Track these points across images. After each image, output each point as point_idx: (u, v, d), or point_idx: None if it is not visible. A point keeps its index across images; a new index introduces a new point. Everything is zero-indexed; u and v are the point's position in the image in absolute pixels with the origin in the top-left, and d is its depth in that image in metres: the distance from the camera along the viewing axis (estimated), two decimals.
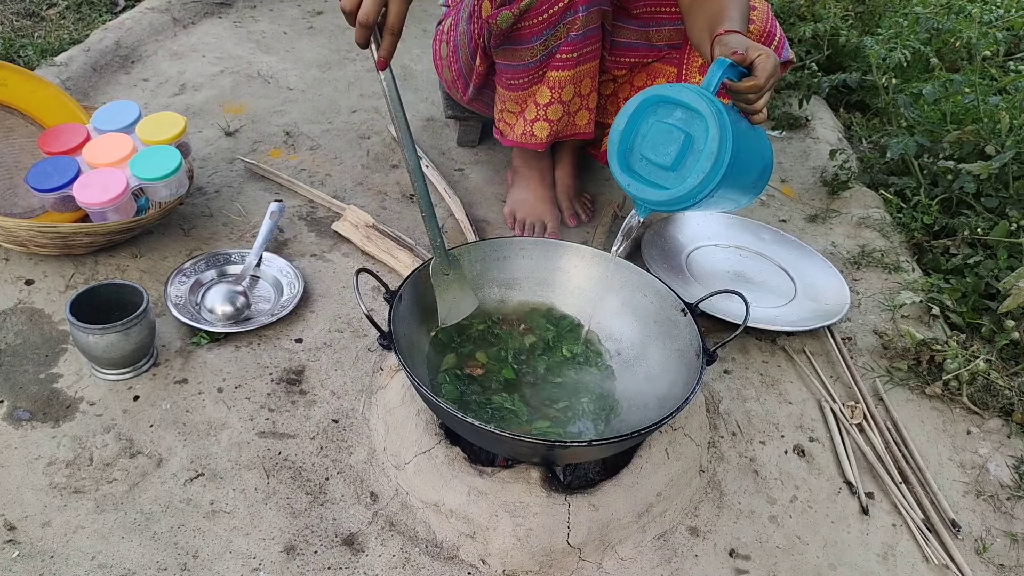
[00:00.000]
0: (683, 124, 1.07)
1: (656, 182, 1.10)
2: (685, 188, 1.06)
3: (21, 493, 1.08)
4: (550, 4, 1.35)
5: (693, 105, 1.05)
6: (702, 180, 1.04)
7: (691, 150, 1.06)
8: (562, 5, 1.35)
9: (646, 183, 1.10)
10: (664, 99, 1.08)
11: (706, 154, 1.04)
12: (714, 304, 1.34)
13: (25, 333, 1.32)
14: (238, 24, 2.52)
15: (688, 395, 1.04)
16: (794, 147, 2.16)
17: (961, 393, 1.39)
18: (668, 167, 1.08)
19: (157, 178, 1.41)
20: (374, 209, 1.71)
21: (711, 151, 1.03)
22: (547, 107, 1.48)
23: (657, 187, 1.09)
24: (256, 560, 1.04)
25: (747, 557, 1.11)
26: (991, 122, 1.89)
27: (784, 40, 1.45)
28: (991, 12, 2.44)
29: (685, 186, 1.06)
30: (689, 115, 1.06)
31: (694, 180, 1.05)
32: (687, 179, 1.06)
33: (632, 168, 1.12)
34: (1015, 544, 1.17)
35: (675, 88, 1.07)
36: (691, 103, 1.05)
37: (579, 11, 1.36)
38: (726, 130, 1.03)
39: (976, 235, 1.69)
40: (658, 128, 1.09)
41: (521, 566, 1.05)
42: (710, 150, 1.03)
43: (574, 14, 1.36)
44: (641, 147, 1.11)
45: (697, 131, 1.06)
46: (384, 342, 1.05)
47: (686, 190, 1.06)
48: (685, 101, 1.06)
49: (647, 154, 1.10)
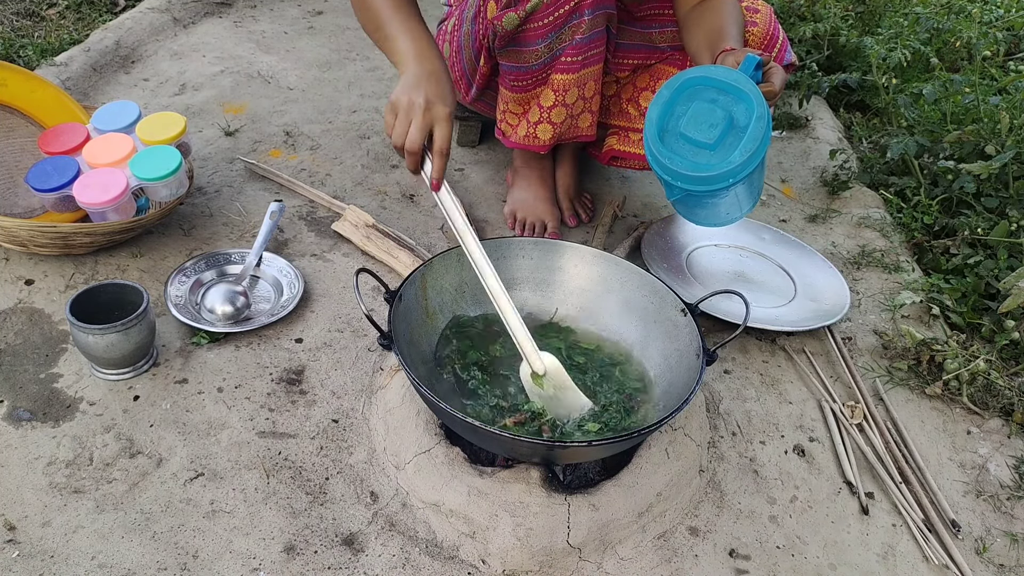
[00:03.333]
0: (724, 105, 1.10)
1: (694, 161, 1.12)
2: (731, 164, 1.09)
3: (21, 493, 1.08)
4: (556, 7, 1.35)
5: (739, 86, 1.09)
6: (748, 157, 1.08)
7: (732, 130, 1.10)
8: (568, 8, 1.35)
9: (683, 161, 1.13)
10: (705, 80, 1.11)
11: (752, 133, 1.08)
12: (714, 304, 1.34)
13: (25, 333, 1.33)
14: (238, 24, 2.52)
15: (688, 395, 1.04)
16: (794, 147, 2.16)
17: (961, 393, 1.39)
18: (710, 146, 1.11)
19: (157, 178, 1.41)
20: (374, 209, 1.71)
21: (758, 129, 1.07)
22: (551, 110, 1.48)
23: (695, 165, 1.12)
24: (256, 560, 1.04)
25: (747, 557, 1.11)
26: (991, 122, 1.89)
27: (787, 43, 1.45)
28: (991, 12, 2.44)
29: (731, 161, 1.09)
30: (729, 97, 1.10)
31: (739, 156, 1.08)
32: (731, 155, 1.09)
33: (668, 146, 1.14)
34: (1015, 544, 1.17)
35: (719, 70, 1.11)
36: (737, 84, 1.09)
37: (585, 15, 1.36)
38: (768, 113, 1.08)
39: (976, 235, 1.69)
40: (701, 107, 1.11)
41: (521, 566, 1.05)
42: (757, 128, 1.07)
43: (579, 17, 1.36)
44: (680, 125, 1.13)
45: (739, 112, 1.09)
46: (384, 342, 1.05)
47: (731, 166, 1.09)
48: (730, 82, 1.09)
49: (687, 131, 1.12)
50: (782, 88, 1.14)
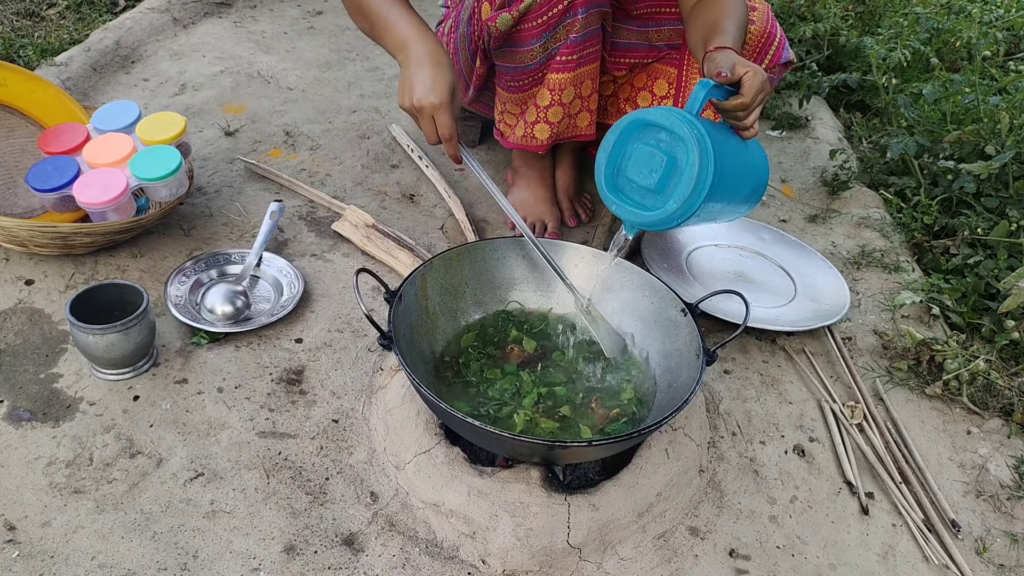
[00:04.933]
0: (667, 147, 1.09)
1: (642, 203, 1.13)
2: (667, 211, 1.09)
3: (21, 493, 1.08)
4: (549, 6, 1.35)
5: (674, 129, 1.07)
6: (683, 204, 1.07)
7: (674, 172, 1.09)
8: (561, 7, 1.35)
9: (632, 204, 1.13)
10: (648, 123, 1.10)
11: (687, 177, 1.06)
12: (714, 304, 1.34)
13: (25, 333, 1.33)
14: (238, 24, 2.52)
15: (688, 395, 1.04)
16: (794, 147, 2.16)
17: (961, 393, 1.39)
18: (652, 189, 1.11)
19: (157, 178, 1.41)
20: (374, 209, 1.71)
21: (691, 175, 1.06)
22: (547, 109, 1.48)
23: (643, 208, 1.12)
24: (256, 560, 1.04)
25: (747, 557, 1.11)
26: (991, 122, 1.89)
27: (784, 41, 1.45)
28: (991, 12, 2.45)
29: (667, 209, 1.09)
30: (673, 138, 1.08)
31: (674, 204, 1.08)
32: (668, 201, 1.08)
33: (620, 189, 1.15)
34: (1015, 544, 1.17)
35: (658, 112, 1.10)
36: (672, 127, 1.07)
37: (578, 13, 1.36)
38: (707, 154, 1.05)
39: (976, 235, 1.69)
40: (642, 151, 1.11)
41: (521, 566, 1.05)
42: (690, 174, 1.06)
43: (573, 16, 1.36)
44: (627, 169, 1.13)
45: (680, 154, 1.08)
46: (384, 342, 1.05)
47: (667, 213, 1.09)
48: (666, 125, 1.08)
49: (632, 176, 1.13)
50: (759, 96, 1.11)
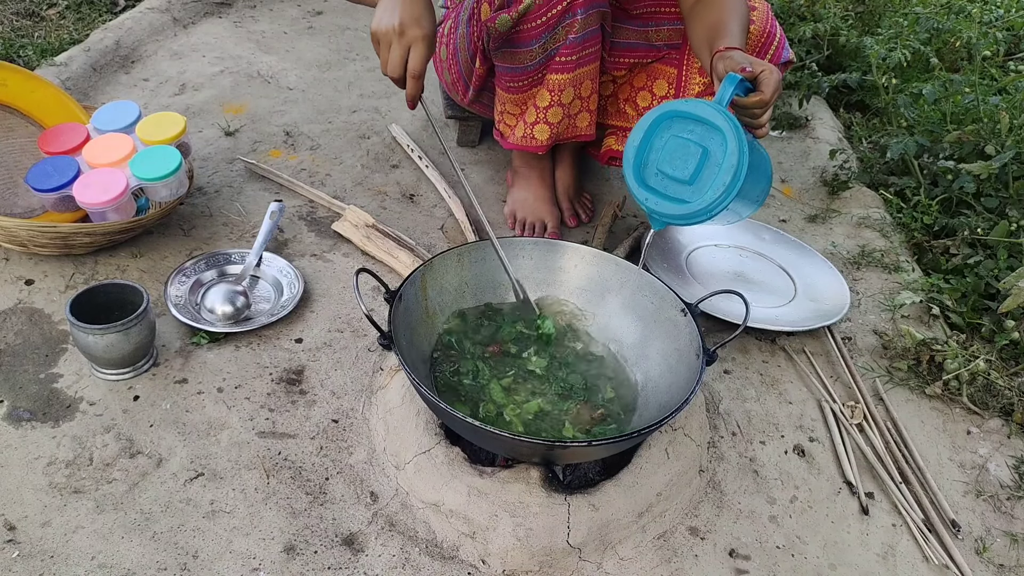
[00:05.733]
0: (699, 138, 1.09)
1: (673, 196, 1.12)
2: (705, 201, 1.08)
3: (21, 493, 1.08)
4: (548, 7, 1.34)
5: (711, 120, 1.08)
6: (721, 193, 1.07)
7: (708, 163, 1.09)
8: (560, 8, 1.34)
9: (663, 197, 1.12)
10: (679, 114, 1.10)
11: (725, 167, 1.06)
12: (714, 304, 1.34)
13: (25, 333, 1.32)
14: (238, 24, 2.52)
15: (688, 395, 1.04)
16: (794, 147, 2.16)
17: (961, 393, 1.39)
18: (685, 181, 1.10)
19: (157, 178, 1.41)
20: (374, 209, 1.71)
21: (731, 164, 1.06)
22: (547, 110, 1.48)
23: (674, 201, 1.11)
24: (256, 560, 1.04)
25: (747, 557, 1.11)
26: (991, 122, 1.89)
27: (784, 40, 1.45)
28: (991, 12, 2.44)
29: (704, 199, 1.08)
30: (705, 129, 1.08)
31: (713, 194, 1.07)
32: (706, 192, 1.08)
33: (647, 183, 1.14)
34: (1015, 544, 1.17)
35: (691, 103, 1.10)
36: (709, 118, 1.08)
37: (577, 14, 1.36)
38: (743, 144, 1.06)
39: (976, 235, 1.69)
40: (675, 142, 1.11)
41: (521, 566, 1.05)
42: (729, 163, 1.06)
43: (572, 17, 1.36)
44: (657, 161, 1.13)
45: (714, 145, 1.08)
46: (384, 342, 1.05)
47: (706, 203, 1.08)
48: (702, 116, 1.08)
49: (664, 168, 1.12)
50: (775, 94, 1.13)
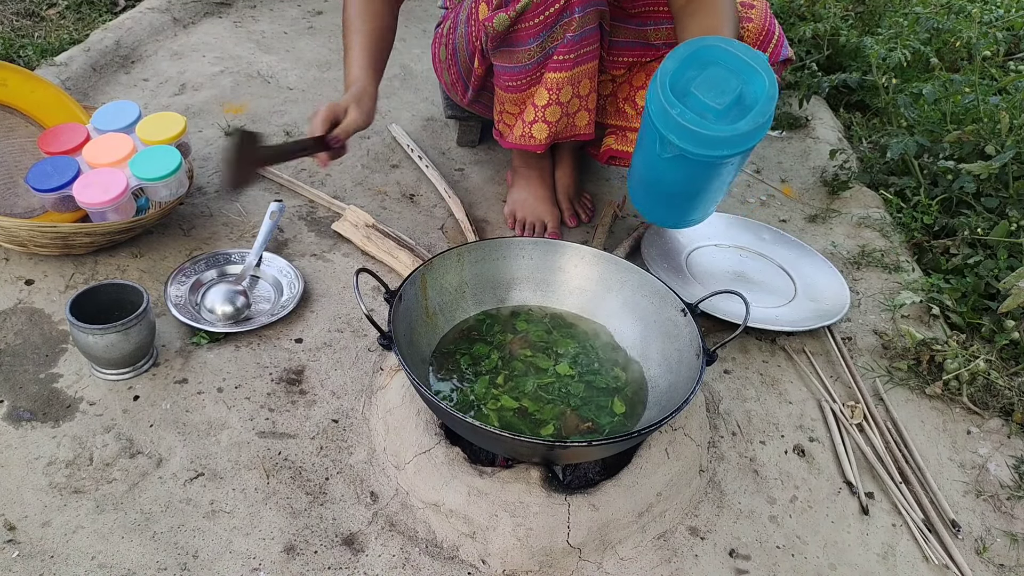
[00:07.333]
0: (739, 79, 1.14)
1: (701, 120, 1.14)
2: (737, 131, 1.12)
3: (21, 493, 1.08)
4: (546, 6, 1.34)
5: (755, 65, 1.13)
6: (754, 128, 1.11)
7: (739, 105, 1.13)
8: (558, 7, 1.34)
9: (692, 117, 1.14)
10: (723, 53, 1.15)
11: (760, 108, 1.12)
12: (714, 304, 1.34)
13: (25, 333, 1.33)
14: (238, 24, 2.52)
15: (688, 395, 1.04)
16: (794, 147, 2.16)
17: (961, 393, 1.39)
18: (716, 112, 1.13)
19: (157, 178, 1.41)
20: (374, 209, 1.71)
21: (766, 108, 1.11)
22: (545, 109, 1.48)
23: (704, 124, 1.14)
24: (256, 560, 1.04)
25: (747, 557, 1.11)
26: (991, 122, 1.89)
27: (783, 38, 1.45)
28: (991, 12, 2.44)
29: (737, 128, 1.12)
30: (742, 77, 1.13)
31: (746, 126, 1.12)
32: (739, 123, 1.12)
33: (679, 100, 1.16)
34: (1015, 544, 1.17)
35: (740, 46, 1.15)
36: (755, 63, 1.13)
37: (575, 12, 1.36)
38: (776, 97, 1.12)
39: (976, 235, 1.69)
40: (716, 73, 1.14)
41: (521, 566, 1.05)
42: (764, 106, 1.11)
43: (570, 15, 1.36)
44: (692, 85, 1.15)
45: (748, 91, 1.13)
46: (384, 342, 1.05)
47: (738, 132, 1.12)
48: (748, 60, 1.13)
49: (699, 92, 1.14)
50: None
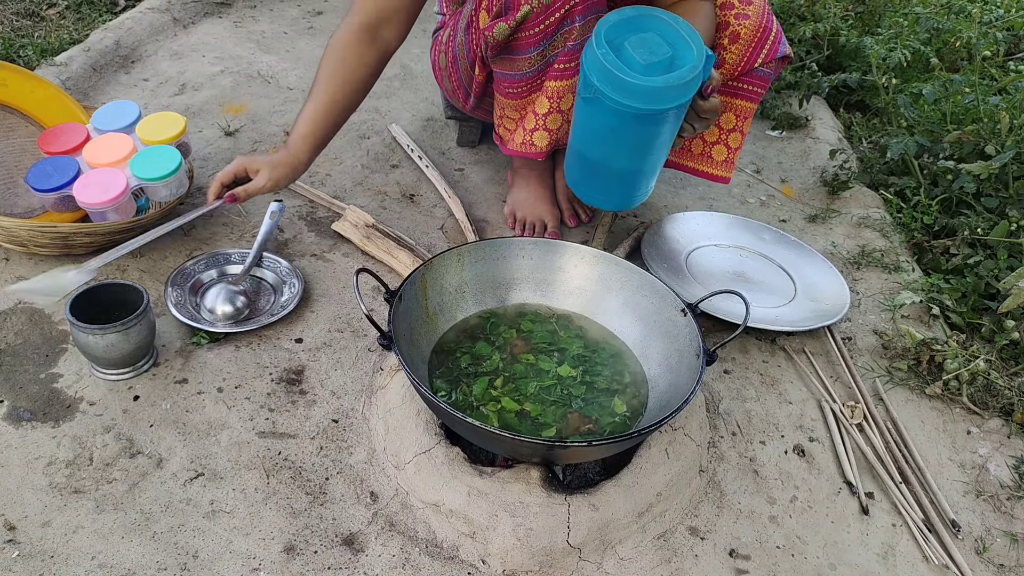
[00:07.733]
0: (673, 45, 1.21)
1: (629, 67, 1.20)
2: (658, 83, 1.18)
3: (21, 493, 1.08)
4: (546, 15, 1.34)
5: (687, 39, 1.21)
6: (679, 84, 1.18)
7: (668, 68, 1.19)
8: (558, 16, 1.34)
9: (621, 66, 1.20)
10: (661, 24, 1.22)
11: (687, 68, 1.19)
12: (714, 304, 1.34)
13: (25, 333, 1.33)
14: (238, 24, 2.52)
15: (688, 395, 1.04)
16: (794, 147, 2.16)
17: (961, 393, 1.39)
18: (643, 68, 1.18)
19: (157, 178, 1.41)
20: (374, 209, 1.71)
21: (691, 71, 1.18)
22: (546, 116, 1.48)
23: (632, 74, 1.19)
24: (256, 560, 1.04)
25: (747, 557, 1.11)
26: (991, 122, 1.89)
27: (781, 35, 1.45)
28: (991, 12, 2.44)
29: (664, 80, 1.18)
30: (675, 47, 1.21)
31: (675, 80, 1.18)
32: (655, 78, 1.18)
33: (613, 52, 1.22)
34: (1015, 544, 1.17)
35: (679, 20, 1.23)
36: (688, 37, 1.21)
37: (575, 21, 1.35)
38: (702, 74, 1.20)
39: (976, 235, 1.69)
40: (650, 38, 1.21)
41: (521, 566, 1.05)
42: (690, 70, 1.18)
43: (571, 24, 1.35)
44: (625, 42, 1.21)
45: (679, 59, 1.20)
46: (384, 342, 1.05)
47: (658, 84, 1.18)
48: (683, 34, 1.21)
49: (631, 48, 1.20)
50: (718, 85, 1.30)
